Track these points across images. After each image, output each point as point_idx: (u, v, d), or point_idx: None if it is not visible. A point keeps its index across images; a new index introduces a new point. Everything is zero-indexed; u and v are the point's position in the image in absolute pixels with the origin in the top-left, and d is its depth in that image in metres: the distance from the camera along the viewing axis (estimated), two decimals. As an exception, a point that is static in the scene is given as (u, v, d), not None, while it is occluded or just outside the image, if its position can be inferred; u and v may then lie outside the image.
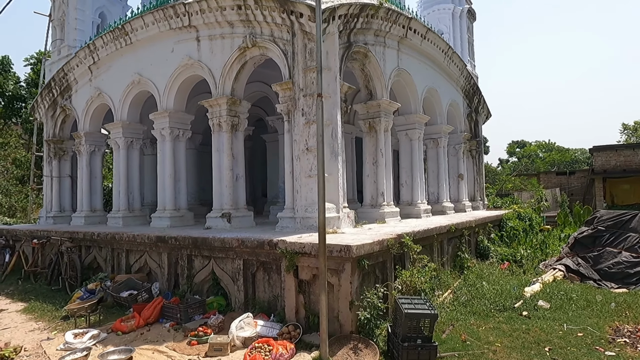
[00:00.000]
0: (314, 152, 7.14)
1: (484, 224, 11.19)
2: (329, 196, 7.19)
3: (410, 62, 10.38)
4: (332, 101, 7.35)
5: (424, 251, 7.59)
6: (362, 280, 5.65)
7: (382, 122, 9.09)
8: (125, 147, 10.64)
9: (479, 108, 15.45)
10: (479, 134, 15.64)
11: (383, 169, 9.07)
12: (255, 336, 5.42)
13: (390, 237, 5.97)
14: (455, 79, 13.31)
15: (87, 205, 11.61)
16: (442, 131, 12.27)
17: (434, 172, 12.40)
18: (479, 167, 15.53)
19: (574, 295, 7.43)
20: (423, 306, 4.81)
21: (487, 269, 9.43)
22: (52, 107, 12.82)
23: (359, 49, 8.38)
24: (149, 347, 5.48)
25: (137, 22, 9.70)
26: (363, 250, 5.34)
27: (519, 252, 10.85)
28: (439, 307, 6.82)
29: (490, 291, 7.66)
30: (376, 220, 8.80)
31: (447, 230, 8.54)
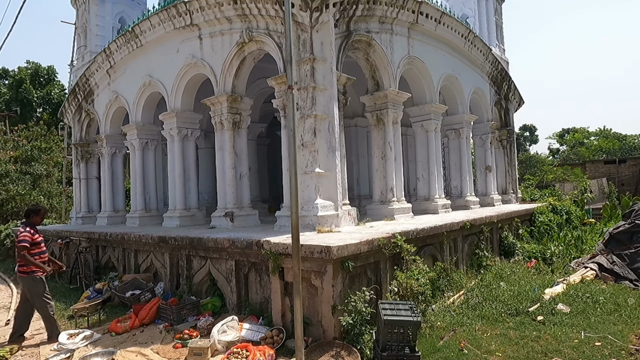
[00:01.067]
0: (309, 147, 6.86)
1: (510, 219, 10.44)
2: (327, 193, 6.92)
3: (423, 49, 9.80)
4: (328, 94, 7.02)
5: (432, 250, 7.18)
6: (350, 283, 5.33)
7: (390, 113, 8.63)
8: (140, 149, 10.83)
9: (509, 95, 14.48)
10: (510, 123, 14.67)
11: (392, 163, 8.62)
12: (238, 340, 5.25)
13: (382, 236, 5.58)
14: (480, 65, 12.50)
15: (110, 206, 11.95)
16: (464, 121, 11.56)
17: (457, 165, 11.72)
18: (511, 158, 14.58)
19: (602, 298, 6.68)
20: (407, 312, 4.42)
21: (510, 268, 8.75)
22: (78, 112, 13.32)
23: (361, 37, 7.97)
24: (135, 349, 5.44)
25: (145, 24, 9.79)
26: (347, 251, 5.01)
27: (549, 249, 10.02)
28: (445, 310, 6.36)
29: (506, 293, 7.06)
30: (385, 217, 8.39)
31: (461, 227, 7.98)
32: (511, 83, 14.33)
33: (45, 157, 20.82)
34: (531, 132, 67.75)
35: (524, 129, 71.13)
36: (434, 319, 5.89)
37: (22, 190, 18.23)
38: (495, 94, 13.65)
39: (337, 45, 7.38)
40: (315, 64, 6.88)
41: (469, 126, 11.81)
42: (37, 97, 24.26)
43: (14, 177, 18.71)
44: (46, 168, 19.97)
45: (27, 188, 18.74)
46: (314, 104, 6.84)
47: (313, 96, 6.83)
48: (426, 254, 7.06)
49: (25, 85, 24.01)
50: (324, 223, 6.64)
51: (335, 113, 7.07)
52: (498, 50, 14.63)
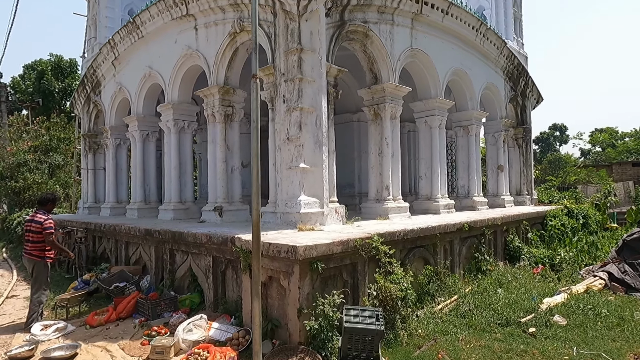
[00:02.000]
0: (295, 141, 6.58)
1: (517, 222, 9.89)
2: (312, 190, 6.64)
3: (429, 41, 9.35)
4: (316, 86, 6.72)
5: (423, 252, 6.81)
6: (323, 285, 5.04)
7: (388, 108, 8.25)
8: (141, 140, 10.81)
9: (526, 91, 13.78)
10: (527, 121, 13.97)
11: (389, 160, 8.25)
12: (204, 340, 5.05)
13: (358, 237, 5.26)
14: (493, 59, 11.90)
15: (113, 197, 12.02)
16: (474, 117, 11.03)
17: (464, 163, 11.22)
18: (527, 158, 13.89)
19: (605, 311, 6.16)
20: (371, 319, 4.11)
21: (512, 274, 8.28)
22: (87, 103, 13.46)
23: (357, 27, 7.62)
24: (102, 343, 5.34)
25: (145, 15, 9.71)
26: (316, 252, 4.72)
27: (559, 255, 9.44)
28: (431, 317, 6.00)
29: (501, 300, 6.63)
30: (379, 216, 8.04)
31: (458, 229, 7.56)
32: (529, 79, 13.62)
33: (63, 147, 21.28)
34: (561, 131, 65.37)
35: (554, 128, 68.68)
36: (415, 326, 5.55)
37: (39, 179, 18.67)
38: (510, 90, 13.00)
39: (329, 36, 7.07)
40: (302, 54, 6.58)
41: (479, 123, 11.27)
42: (58, 89, 24.93)
43: (32, 166, 19.17)
44: (64, 158, 20.40)
45: (44, 177, 19.19)
46: (301, 96, 6.55)
47: (300, 88, 6.54)
48: (416, 256, 6.69)
49: (48, 77, 24.71)
50: (307, 221, 6.36)
51: (324, 106, 6.77)
52: (516, 44, 13.94)
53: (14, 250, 14.32)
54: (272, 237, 5.33)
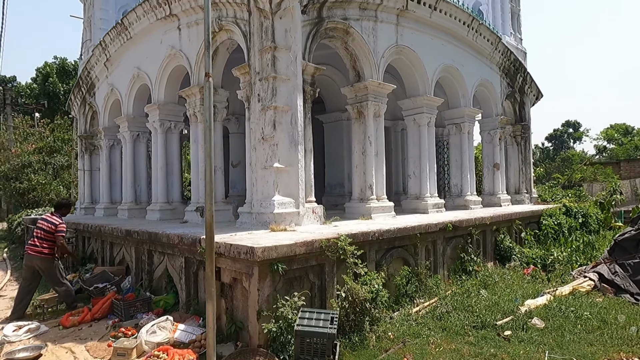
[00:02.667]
0: (269, 141, 6.50)
1: (509, 221, 9.67)
2: (287, 190, 6.55)
3: (416, 37, 9.19)
4: (291, 84, 6.63)
5: (402, 253, 6.68)
6: (287, 287, 4.96)
7: (370, 106, 8.12)
8: (131, 141, 10.84)
9: (524, 88, 13.49)
10: (526, 117, 13.68)
11: (372, 159, 8.12)
12: (168, 342, 5.01)
13: (324, 238, 5.16)
14: (488, 55, 11.66)
15: (107, 198, 12.10)
16: (466, 115, 10.82)
17: (457, 162, 11.01)
18: (525, 156, 13.60)
19: (587, 314, 5.95)
20: (325, 322, 4.01)
21: (499, 275, 8.09)
22: (83, 105, 13.58)
23: (336, 25, 7.51)
24: (69, 344, 5.33)
25: (132, 16, 9.73)
26: (276, 253, 4.64)
27: (552, 255, 9.20)
28: (405, 319, 5.86)
29: (481, 302, 6.46)
30: (362, 215, 7.92)
31: (442, 229, 7.40)
32: (527, 75, 13.33)
33: (67, 148, 21.54)
34: (575, 128, 64.16)
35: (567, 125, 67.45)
36: (386, 329, 5.42)
37: (43, 180, 18.94)
38: (507, 86, 12.73)
39: (305, 33, 6.97)
40: (276, 52, 6.50)
41: (472, 120, 11.05)
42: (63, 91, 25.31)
43: (36, 167, 19.45)
44: (67, 159, 20.66)
45: (49, 178, 19.46)
46: (275, 95, 6.46)
47: (273, 87, 6.46)
48: (394, 257, 6.56)
49: (52, 79, 25.15)
50: (281, 221, 6.28)
51: (299, 105, 6.68)
52: (513, 40, 13.66)
53: (14, 250, 14.52)
54: (237, 238, 5.27)
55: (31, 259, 6.90)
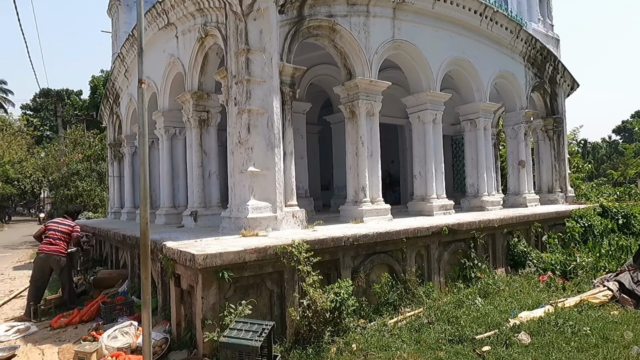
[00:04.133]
0: (246, 145, 6.42)
1: (526, 223, 8.91)
2: (264, 194, 6.43)
3: (417, 30, 8.72)
4: (266, 86, 6.51)
5: (386, 259, 6.34)
6: (242, 294, 4.84)
7: (362, 105, 7.80)
8: (146, 148, 11.21)
9: (556, 78, 12.43)
10: (559, 110, 12.60)
11: (365, 159, 7.79)
12: (127, 347, 5.06)
13: (279, 244, 4.97)
14: (508, 45, 10.84)
15: (130, 203, 12.64)
16: (481, 109, 10.12)
17: (473, 160, 10.32)
18: (559, 151, 12.52)
19: (587, 329, 5.29)
20: (254, 334, 3.83)
21: (507, 282, 7.46)
22: (111, 114, 14.32)
23: (320, 22, 7.28)
24: (46, 346, 5.56)
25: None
26: (221, 260, 4.52)
27: (574, 261, 8.34)
28: (379, 330, 5.52)
29: (471, 313, 5.96)
30: (354, 219, 7.62)
31: (435, 233, 6.93)
32: (557, 63, 12.27)
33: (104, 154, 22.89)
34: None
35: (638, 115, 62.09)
36: (352, 340, 5.13)
37: (88, 187, 20.24)
38: (534, 77, 11.78)
39: (283, 33, 6.81)
40: (250, 54, 6.40)
41: (487, 115, 10.31)
42: (110, 102, 27.28)
43: (83, 174, 20.83)
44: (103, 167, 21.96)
45: (93, 185, 20.77)
46: (249, 98, 6.37)
47: (247, 90, 6.37)
48: (375, 263, 6.23)
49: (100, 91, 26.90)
50: (255, 226, 6.17)
51: (275, 107, 6.53)
52: (542, 26, 12.64)
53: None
54: (193, 244, 5.22)
55: (48, 259, 7.35)
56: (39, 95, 47.97)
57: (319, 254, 5.54)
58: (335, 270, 5.83)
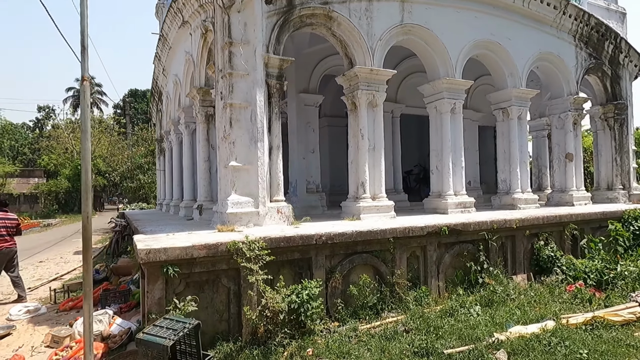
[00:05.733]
0: (229, 139, 6.37)
1: (558, 225, 7.88)
2: (246, 189, 6.37)
3: (432, 12, 8.04)
4: (250, 79, 6.39)
5: (370, 259, 5.97)
6: (196, 290, 4.82)
7: (362, 95, 7.36)
8: (177, 144, 11.73)
9: (618, 57, 10.81)
10: (622, 95, 10.97)
11: (365, 154, 7.37)
12: (99, 334, 5.28)
13: (230, 240, 4.84)
14: (552, 23, 9.62)
15: (171, 195, 13.31)
16: (514, 97, 9.11)
17: (505, 153, 9.34)
18: (621, 142, 10.92)
19: (585, 352, 4.50)
20: (171, 332, 3.76)
21: (521, 290, 6.66)
22: (157, 112, 15.21)
23: (314, 11, 6.98)
24: (42, 327, 6.03)
25: (165, 27, 10.51)
26: (165, 256, 4.51)
27: (614, 269, 7.21)
28: (348, 335, 5.18)
29: (458, 324, 5.38)
30: (353, 216, 7.27)
31: (431, 233, 6.37)
32: (620, 41, 10.65)
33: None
34: None
35: None
36: (308, 344, 4.87)
37: (149, 180, 21.78)
38: (588, 57, 10.34)
39: (270, 24, 6.63)
40: (232, 47, 6.32)
41: (522, 103, 9.25)
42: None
43: (146, 168, 22.45)
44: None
45: (154, 177, 22.30)
46: (231, 92, 6.31)
47: (230, 83, 6.30)
48: (355, 263, 5.86)
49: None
50: (236, 221, 6.12)
51: (259, 100, 6.39)
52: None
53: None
54: (155, 237, 5.29)
55: (5, 252, 7.59)
56: (127, 95, 52.77)
57: (286, 252, 5.38)
58: (308, 270, 5.58)
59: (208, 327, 4.92)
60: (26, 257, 12.51)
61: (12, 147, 47.63)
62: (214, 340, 4.84)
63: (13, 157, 46.37)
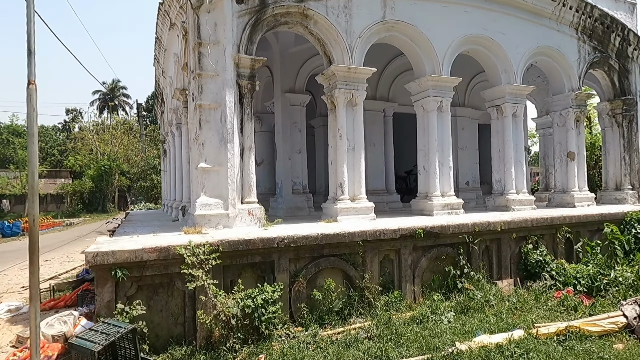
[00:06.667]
0: (199, 140, 6.33)
1: (550, 227, 7.50)
2: (216, 190, 6.32)
3: (417, 8, 7.78)
4: (220, 80, 6.33)
5: (338, 262, 5.81)
6: (151, 293, 4.80)
7: (340, 94, 7.19)
8: (173, 145, 11.83)
9: (627, 50, 10.24)
10: (631, 90, 10.38)
11: (343, 154, 7.20)
12: (61, 334, 5.32)
13: (177, 244, 4.78)
14: (550, 15, 9.17)
15: (171, 195, 13.50)
16: (507, 94, 8.74)
17: (500, 152, 8.97)
18: (630, 140, 10.34)
19: (548, 366, 4.22)
20: (102, 337, 3.72)
21: (505, 296, 6.36)
22: (160, 113, 15.41)
23: (288, 9, 6.85)
24: (17, 326, 6.16)
25: (158, 29, 10.61)
26: (113, 259, 4.50)
27: (607, 275, 6.81)
28: (307, 341, 5.04)
29: (422, 332, 5.17)
30: (330, 217, 7.11)
31: (405, 236, 6.15)
32: (628, 33, 10.07)
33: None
34: None
35: None
36: (260, 350, 4.77)
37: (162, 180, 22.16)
38: (592, 51, 9.82)
39: (242, 24, 6.54)
40: (202, 48, 6.28)
41: (516, 100, 8.85)
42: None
43: (159, 169, 22.85)
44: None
45: (166, 178, 22.70)
46: (201, 93, 6.26)
47: (200, 84, 6.26)
48: (321, 267, 5.72)
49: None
50: (204, 223, 6.07)
51: (229, 101, 6.32)
52: (608, -11, 10.44)
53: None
54: (114, 240, 5.29)
55: None
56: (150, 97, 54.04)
57: (246, 255, 5.30)
58: (271, 273, 5.47)
59: (163, 330, 4.89)
60: (32, 256, 12.85)
61: (42, 148, 49.42)
62: (167, 344, 4.80)
63: (43, 158, 48.13)
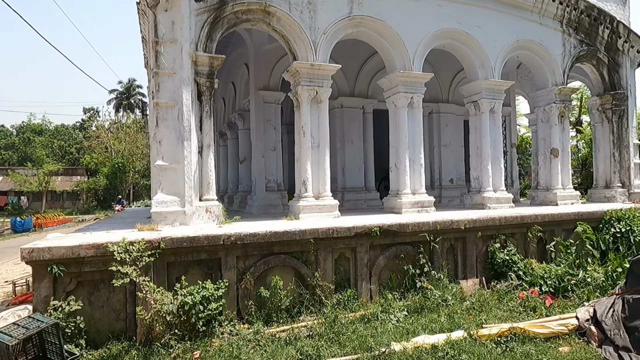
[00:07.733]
0: (157, 138, 6.39)
1: (521, 226, 7.31)
2: (173, 188, 6.37)
3: (385, 2, 7.66)
4: (177, 78, 6.36)
5: (289, 260, 5.82)
6: (90, 289, 4.89)
7: (304, 91, 7.14)
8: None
9: (616, 43, 9.88)
10: (622, 84, 10.02)
11: (307, 151, 7.16)
12: (13, 329, 5.46)
13: (112, 241, 4.83)
14: (532, 8, 8.91)
15: (162, 193, 13.69)
16: (484, 89, 8.53)
17: (478, 149, 8.78)
18: (620, 136, 9.98)
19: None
20: (21, 331, 3.79)
21: (465, 296, 6.24)
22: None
23: (249, 6, 6.83)
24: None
25: (141, 29, 10.71)
26: (49, 254, 4.58)
27: (576, 275, 6.60)
28: (249, 339, 5.04)
29: (364, 331, 5.11)
30: (294, 215, 7.10)
31: (361, 234, 6.09)
32: (617, 25, 9.71)
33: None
34: None
35: None
36: (196, 347, 4.79)
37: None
38: (578, 44, 9.51)
39: (200, 22, 6.55)
40: (158, 47, 6.32)
41: (493, 96, 8.64)
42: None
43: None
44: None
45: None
46: (158, 91, 6.31)
47: (157, 82, 6.31)
48: (271, 264, 5.71)
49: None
50: (160, 220, 6.13)
51: (186, 99, 6.34)
52: (597, -20, 10.07)
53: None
54: (63, 237, 5.38)
55: None
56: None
57: (191, 252, 5.34)
58: (219, 270, 5.49)
59: (104, 325, 4.97)
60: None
61: (61, 147, 50.82)
62: (107, 339, 4.86)
63: (61, 156, 49.48)
